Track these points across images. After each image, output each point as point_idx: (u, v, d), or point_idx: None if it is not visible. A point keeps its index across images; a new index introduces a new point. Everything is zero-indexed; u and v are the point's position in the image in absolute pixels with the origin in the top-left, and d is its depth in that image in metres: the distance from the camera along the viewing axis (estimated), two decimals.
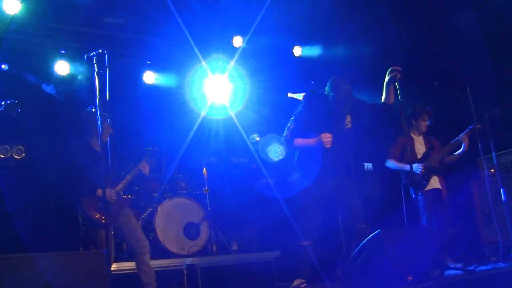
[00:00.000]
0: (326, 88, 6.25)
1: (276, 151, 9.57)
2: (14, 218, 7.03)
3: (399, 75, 6.01)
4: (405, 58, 8.79)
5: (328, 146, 5.94)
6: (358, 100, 6.34)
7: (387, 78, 6.15)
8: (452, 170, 7.63)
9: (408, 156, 6.94)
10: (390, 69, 6.10)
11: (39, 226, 7.24)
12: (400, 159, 7.25)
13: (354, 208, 6.12)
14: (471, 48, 8.30)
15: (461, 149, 7.19)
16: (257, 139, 9.76)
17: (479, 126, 7.03)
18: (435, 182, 7.19)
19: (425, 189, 7.12)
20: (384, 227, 5.39)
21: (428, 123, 7.41)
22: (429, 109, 7.40)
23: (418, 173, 7.03)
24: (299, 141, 6.15)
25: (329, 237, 7.74)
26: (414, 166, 7.05)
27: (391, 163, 7.32)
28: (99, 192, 5.89)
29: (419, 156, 7.27)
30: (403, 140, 7.29)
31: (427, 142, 7.40)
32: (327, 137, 5.94)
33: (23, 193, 7.42)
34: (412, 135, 7.40)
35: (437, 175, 7.22)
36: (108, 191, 5.79)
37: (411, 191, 7.23)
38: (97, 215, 5.96)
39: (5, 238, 6.88)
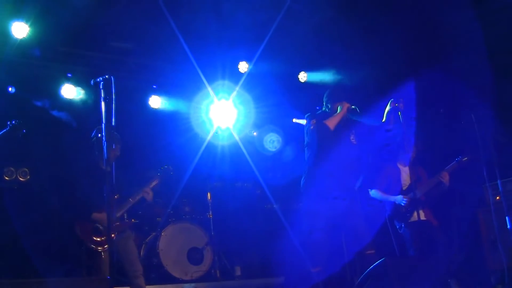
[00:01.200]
0: (324, 103, 6.34)
1: (272, 141, 9.56)
2: (18, 241, 7.02)
3: (402, 105, 6.01)
4: (411, 84, 8.81)
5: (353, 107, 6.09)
6: (357, 121, 6.36)
7: (388, 108, 6.16)
8: (457, 197, 7.60)
9: (392, 187, 6.96)
10: (391, 100, 6.11)
11: (43, 249, 7.21)
12: (385, 190, 7.19)
13: (359, 233, 6.06)
14: (477, 72, 8.30)
15: (442, 185, 7.14)
16: (255, 134, 9.78)
17: (465, 158, 7.03)
18: (419, 215, 7.09)
19: (409, 220, 7.05)
20: (389, 256, 5.37)
21: (415, 155, 7.38)
22: (415, 140, 7.38)
23: (402, 205, 6.97)
24: (328, 121, 6.13)
25: (336, 262, 7.70)
26: (399, 198, 7.00)
27: (376, 194, 7.24)
28: (95, 215, 5.89)
29: (404, 188, 7.21)
30: (389, 170, 7.26)
31: (413, 173, 7.32)
32: (347, 104, 6.15)
33: (27, 215, 7.41)
34: (399, 166, 7.35)
35: (422, 208, 7.12)
36: (103, 215, 5.80)
37: (396, 223, 7.18)
38: (89, 240, 5.93)
39: (9, 261, 6.87)
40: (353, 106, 6.21)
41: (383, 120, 6.23)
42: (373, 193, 7.26)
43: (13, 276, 5.84)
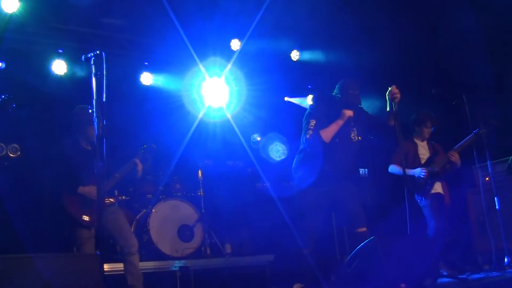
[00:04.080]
0: (335, 91, 6.18)
1: (278, 151, 9.55)
2: (8, 216, 7.00)
3: (397, 99, 5.86)
4: (403, 64, 8.80)
5: (351, 115, 5.93)
6: (365, 112, 6.27)
7: (387, 100, 6.01)
8: (448, 178, 7.64)
9: (410, 161, 7.00)
10: (388, 91, 5.94)
11: (34, 225, 7.21)
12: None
13: (353, 211, 6.06)
14: (471, 50, 8.29)
15: (453, 163, 7.17)
16: (258, 139, 9.75)
17: (483, 130, 6.99)
18: (438, 187, 7.18)
19: (430, 192, 7.11)
20: (378, 234, 5.39)
21: (431, 130, 7.41)
22: (433, 115, 7.41)
23: (422, 177, 7.03)
24: (324, 131, 5.92)
25: (327, 241, 7.73)
26: (418, 170, 7.07)
27: (395, 168, 7.29)
28: (81, 189, 5.89)
29: (422, 161, 7.26)
30: (406, 145, 7.28)
31: (430, 147, 7.40)
32: (349, 112, 5.92)
33: (17, 191, 7.39)
34: (416, 141, 7.42)
35: (440, 180, 7.21)
36: (89, 188, 5.82)
37: (416, 196, 7.21)
38: (78, 214, 5.89)
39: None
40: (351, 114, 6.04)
41: (387, 109, 6.09)
42: (392, 168, 7.31)
43: (2, 252, 5.83)
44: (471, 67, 8.21)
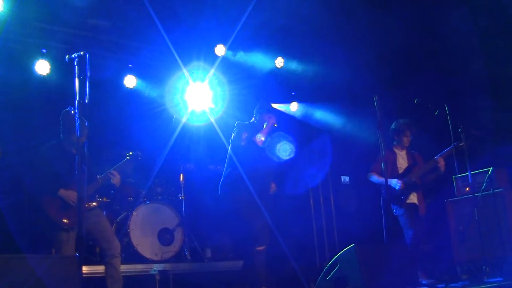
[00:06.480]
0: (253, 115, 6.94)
1: (285, 149, 9.51)
2: None
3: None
4: (386, 73, 8.84)
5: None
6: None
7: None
8: (429, 188, 7.69)
9: (389, 171, 7.04)
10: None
11: (13, 225, 7.14)
12: (382, 174, 7.27)
13: (254, 231, 6.29)
14: (463, 53, 8.36)
15: (437, 170, 7.23)
16: (262, 139, 9.71)
17: (462, 144, 7.05)
18: (413, 198, 7.22)
19: (406, 202, 7.16)
20: (357, 242, 5.42)
21: (410, 138, 7.47)
22: (412, 124, 7.47)
23: (396, 189, 7.07)
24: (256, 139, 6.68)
25: (307, 249, 7.74)
26: (394, 181, 7.11)
27: (373, 177, 7.35)
28: (62, 192, 5.84)
29: (400, 171, 7.31)
30: (386, 154, 7.33)
31: (410, 157, 7.45)
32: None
33: None
34: (395, 150, 7.47)
35: (416, 191, 7.25)
36: (70, 192, 5.77)
37: (392, 206, 7.26)
38: (58, 217, 5.83)
39: None
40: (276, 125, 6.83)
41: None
42: (371, 176, 7.36)
43: None
44: (463, 72, 8.29)
